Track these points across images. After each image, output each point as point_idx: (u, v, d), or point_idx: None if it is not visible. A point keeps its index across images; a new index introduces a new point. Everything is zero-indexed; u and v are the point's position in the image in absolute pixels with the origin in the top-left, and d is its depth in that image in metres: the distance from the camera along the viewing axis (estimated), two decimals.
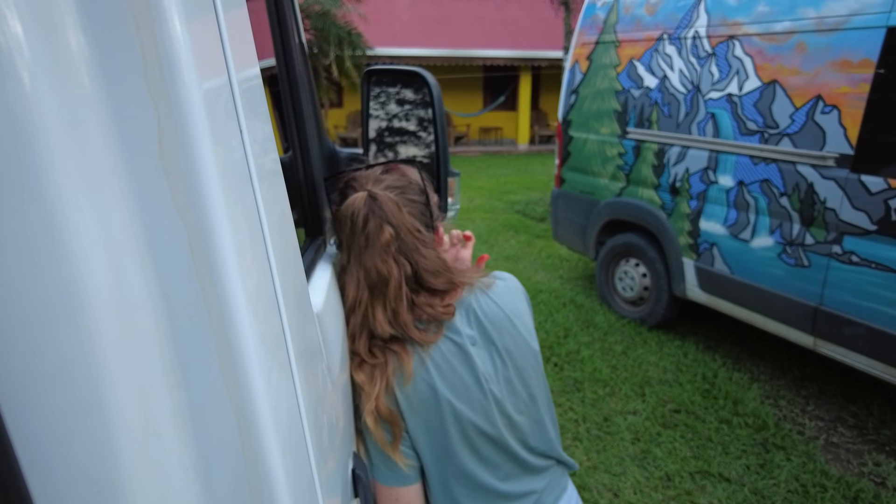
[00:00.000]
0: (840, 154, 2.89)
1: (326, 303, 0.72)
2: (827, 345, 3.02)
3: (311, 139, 1.04)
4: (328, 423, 0.53)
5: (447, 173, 1.25)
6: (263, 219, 0.35)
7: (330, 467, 0.50)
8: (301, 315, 0.44)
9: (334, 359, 0.68)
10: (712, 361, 3.67)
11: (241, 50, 0.38)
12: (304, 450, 0.38)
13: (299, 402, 0.37)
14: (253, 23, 1.06)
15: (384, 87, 1.29)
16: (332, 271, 0.89)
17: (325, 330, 0.64)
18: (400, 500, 0.86)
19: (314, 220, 0.99)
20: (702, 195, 3.63)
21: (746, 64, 3.36)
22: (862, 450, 2.85)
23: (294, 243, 0.46)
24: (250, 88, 0.40)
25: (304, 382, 0.40)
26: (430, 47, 15.02)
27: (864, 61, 2.81)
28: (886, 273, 2.72)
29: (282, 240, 0.41)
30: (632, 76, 4.11)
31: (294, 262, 0.45)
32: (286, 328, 0.36)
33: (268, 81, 1.05)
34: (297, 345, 0.39)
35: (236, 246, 0.30)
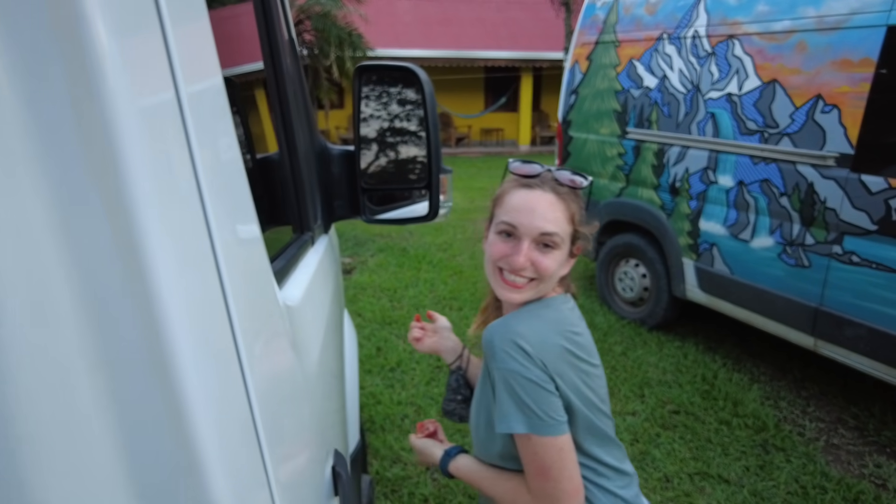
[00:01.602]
0: (840, 154, 2.87)
1: (307, 297, 0.71)
2: (827, 346, 3.00)
3: (299, 138, 1.03)
4: (296, 418, 0.52)
5: (439, 170, 1.24)
6: (212, 223, 0.34)
7: (297, 464, 0.49)
8: (259, 311, 0.43)
9: (311, 352, 0.67)
10: (712, 362, 3.65)
11: (195, 61, 0.38)
12: (253, 446, 0.37)
13: (250, 397, 0.36)
14: (238, 24, 1.05)
15: (376, 84, 1.28)
16: (317, 266, 0.88)
17: (299, 323, 0.63)
18: (564, 447, 0.95)
19: (301, 216, 0.98)
20: (702, 195, 3.61)
21: (746, 63, 3.34)
22: (863, 451, 2.83)
23: (256, 244, 0.45)
24: (206, 98, 0.39)
25: (259, 377, 0.39)
26: (431, 48, 15.04)
27: (864, 60, 2.79)
28: (887, 273, 2.69)
29: (236, 242, 0.40)
30: (632, 76, 4.09)
31: (254, 262, 0.44)
32: (235, 323, 0.35)
33: (262, 83, 1.05)
34: (249, 339, 0.38)
35: (167, 250, 0.29)
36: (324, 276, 0.99)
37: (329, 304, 0.96)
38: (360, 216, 1.30)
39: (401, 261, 5.81)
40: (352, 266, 5.70)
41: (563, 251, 1.01)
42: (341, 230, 6.98)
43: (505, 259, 0.99)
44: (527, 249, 0.97)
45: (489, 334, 0.99)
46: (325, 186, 1.28)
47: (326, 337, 0.83)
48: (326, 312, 0.89)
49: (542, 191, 0.99)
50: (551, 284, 1.03)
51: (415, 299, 4.73)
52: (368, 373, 3.51)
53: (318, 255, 0.97)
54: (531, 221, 0.97)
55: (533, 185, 1.01)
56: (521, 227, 0.97)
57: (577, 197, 1.03)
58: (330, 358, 0.88)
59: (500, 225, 1.01)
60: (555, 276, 1.02)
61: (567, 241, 1.01)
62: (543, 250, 0.98)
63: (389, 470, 2.63)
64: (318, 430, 0.63)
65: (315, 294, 0.80)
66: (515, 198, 1.00)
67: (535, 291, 1.01)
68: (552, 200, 0.98)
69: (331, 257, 1.27)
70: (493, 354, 0.96)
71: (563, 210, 0.99)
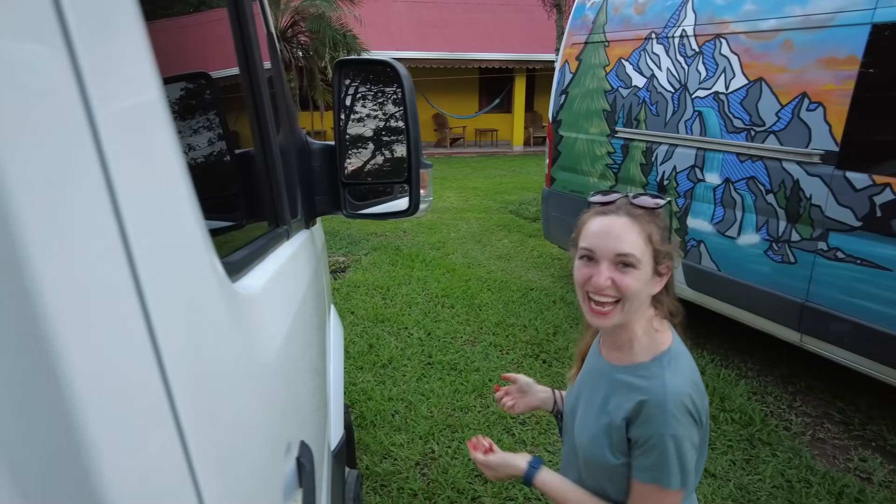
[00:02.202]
0: (825, 151, 2.90)
1: (269, 287, 0.73)
2: (813, 341, 3.03)
3: (273, 133, 1.04)
4: (240, 409, 0.52)
5: (419, 164, 1.26)
6: (126, 220, 0.35)
7: (239, 457, 0.50)
8: (186, 302, 0.44)
9: (270, 342, 0.68)
10: (700, 358, 3.68)
11: (118, 75, 0.38)
12: (171, 441, 0.37)
13: (170, 389, 0.37)
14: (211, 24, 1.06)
15: (355, 79, 1.30)
16: (288, 259, 0.89)
17: (257, 313, 0.65)
18: (679, 498, 1.02)
19: (276, 210, 0.99)
20: (689, 193, 3.64)
21: (733, 62, 3.37)
22: (848, 445, 2.86)
23: (190, 237, 0.46)
24: (134, 112, 0.39)
25: (182, 367, 0.39)
26: (426, 50, 15.05)
27: (849, 58, 2.82)
28: (871, 269, 2.72)
29: (160, 236, 0.40)
30: (620, 76, 4.12)
31: (184, 254, 0.45)
32: (151, 315, 0.36)
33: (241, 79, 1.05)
34: (169, 329, 0.38)
35: (49, 241, 0.29)
36: (296, 269, 1.00)
37: (301, 296, 0.98)
38: (341, 211, 1.31)
39: (394, 259, 5.83)
40: (346, 264, 5.71)
41: (645, 270, 1.04)
42: (336, 229, 6.99)
43: (588, 282, 1.05)
44: (605, 270, 1.02)
45: (660, 398, 1.01)
46: (306, 181, 1.29)
47: (295, 328, 0.84)
48: (296, 304, 0.90)
49: (617, 215, 1.05)
50: (639, 305, 1.06)
51: (407, 297, 4.75)
52: (360, 369, 3.53)
53: (291, 249, 0.98)
54: (606, 243, 1.03)
55: (608, 211, 1.06)
56: (598, 249, 1.03)
57: (654, 217, 1.07)
58: (300, 349, 0.89)
59: (580, 251, 1.08)
60: (640, 295, 1.04)
61: (647, 260, 1.04)
62: (623, 270, 1.02)
63: (379, 465, 2.65)
64: (275, 421, 0.64)
65: (282, 285, 0.81)
66: (593, 225, 1.07)
67: (622, 315, 1.04)
68: (626, 223, 1.03)
69: (310, 252, 1.28)
70: (665, 420, 1.00)
71: (638, 231, 1.03)
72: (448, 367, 3.57)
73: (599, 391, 1.13)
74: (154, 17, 0.74)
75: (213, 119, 0.96)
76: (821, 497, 2.47)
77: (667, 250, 1.07)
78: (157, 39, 0.74)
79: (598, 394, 1.12)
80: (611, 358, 1.15)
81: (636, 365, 1.09)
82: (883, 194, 2.67)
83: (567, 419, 1.26)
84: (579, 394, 1.21)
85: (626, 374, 1.09)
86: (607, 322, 1.05)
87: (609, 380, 1.12)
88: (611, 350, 1.15)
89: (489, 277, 5.25)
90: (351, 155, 1.30)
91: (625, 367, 1.10)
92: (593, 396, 1.14)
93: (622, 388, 1.08)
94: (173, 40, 0.84)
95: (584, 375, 1.23)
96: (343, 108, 1.30)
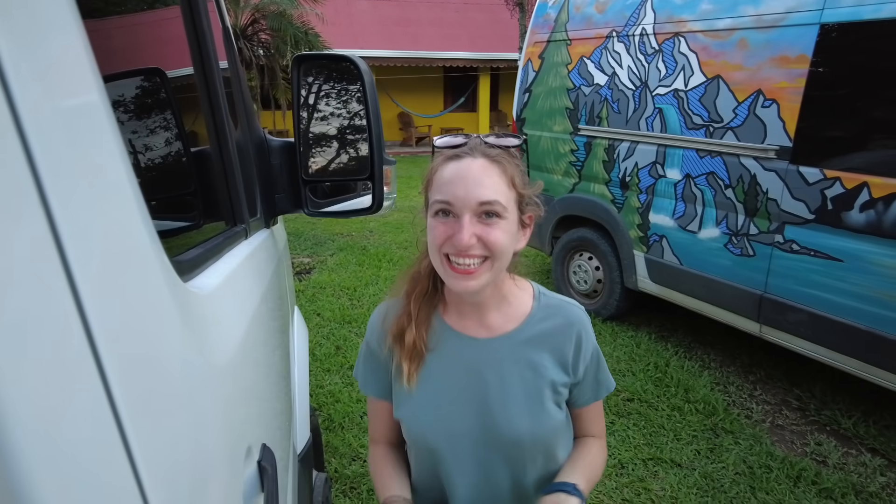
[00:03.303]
0: (780, 146, 2.99)
1: (226, 285, 0.71)
2: (772, 331, 3.12)
3: (228, 131, 1.01)
4: (191, 411, 0.50)
5: (382, 161, 1.24)
6: (61, 230, 0.33)
7: (190, 461, 0.48)
8: (128, 302, 0.42)
9: (224, 342, 0.66)
10: (664, 351, 3.75)
11: (50, 75, 0.37)
12: (114, 446, 0.35)
13: (110, 390, 0.35)
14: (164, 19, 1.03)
15: (315, 74, 1.27)
16: (245, 258, 0.86)
17: (211, 312, 0.63)
18: None
19: (233, 208, 0.96)
20: (650, 189, 3.71)
21: (692, 60, 3.44)
22: (805, 430, 2.96)
23: (134, 237, 0.44)
24: (68, 112, 0.38)
25: (128, 368, 0.38)
26: (390, 49, 14.98)
27: (800, 57, 2.91)
28: (824, 260, 2.82)
29: (99, 237, 0.39)
30: (582, 74, 4.17)
31: (126, 254, 0.43)
32: (88, 318, 0.34)
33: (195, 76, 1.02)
34: (111, 328, 0.37)
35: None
36: (255, 269, 0.98)
37: (261, 296, 0.95)
38: (303, 209, 1.28)
39: (361, 259, 5.77)
40: (311, 265, 5.63)
41: (512, 220, 0.90)
42: (300, 230, 6.89)
43: (449, 242, 0.87)
44: (469, 224, 0.85)
45: (579, 315, 1.01)
46: (265, 179, 1.26)
47: (254, 328, 0.82)
48: (255, 304, 0.87)
49: (473, 157, 0.89)
50: (507, 261, 0.92)
51: (375, 297, 4.71)
52: (327, 372, 3.48)
53: (250, 248, 0.95)
54: (466, 192, 0.86)
55: (462, 154, 0.90)
56: (457, 200, 0.86)
57: (513, 157, 0.93)
58: (260, 350, 0.86)
59: (434, 205, 0.89)
60: (509, 250, 0.90)
61: (513, 208, 0.90)
62: (488, 221, 0.87)
63: (349, 467, 2.62)
64: (233, 423, 0.62)
65: (239, 285, 0.79)
66: (445, 172, 0.89)
67: (491, 273, 0.89)
68: (484, 165, 0.88)
69: (271, 252, 1.25)
70: (589, 333, 1.02)
71: (499, 174, 0.88)
72: None
73: (509, 371, 0.98)
74: (101, 13, 0.71)
75: (165, 116, 0.93)
76: (780, 481, 2.55)
77: (530, 194, 0.94)
78: (106, 35, 0.71)
79: (512, 373, 0.98)
80: (489, 331, 0.99)
81: (530, 316, 1.00)
82: (833, 188, 2.76)
83: (445, 440, 0.99)
84: (459, 395, 0.98)
85: (530, 330, 0.99)
86: (475, 283, 0.88)
87: (511, 353, 0.98)
88: (482, 322, 0.99)
89: None
90: (312, 152, 1.27)
91: (519, 326, 0.99)
92: (505, 380, 0.97)
93: (542, 343, 0.99)
94: (123, 36, 0.81)
95: (450, 371, 0.99)
96: (302, 104, 1.27)
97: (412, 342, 0.98)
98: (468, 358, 0.99)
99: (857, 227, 2.68)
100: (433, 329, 1.01)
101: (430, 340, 1.00)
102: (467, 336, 1.00)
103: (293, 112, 1.27)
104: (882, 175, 2.60)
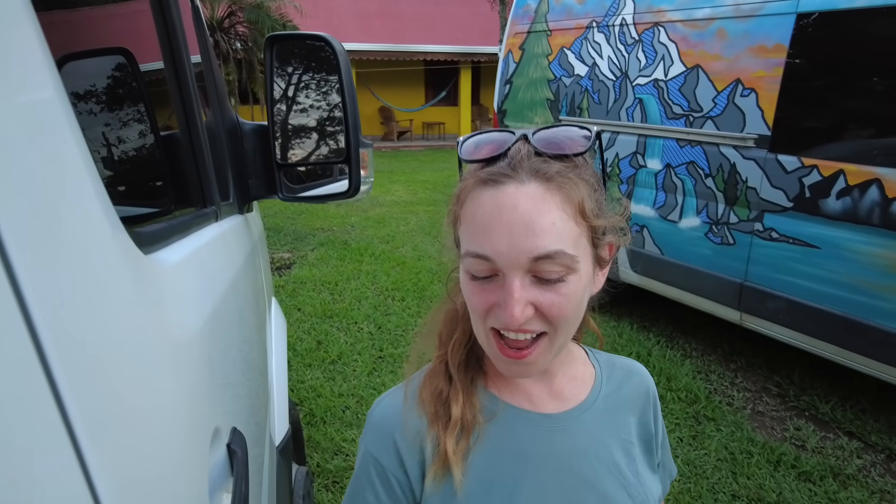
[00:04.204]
0: (759, 135, 3.01)
1: (191, 262, 0.68)
2: (752, 319, 3.15)
3: (197, 112, 0.97)
4: (147, 384, 0.47)
5: (358, 143, 1.21)
6: None
7: (150, 439, 0.45)
8: (78, 263, 0.39)
9: (188, 318, 0.63)
10: (647, 340, 3.77)
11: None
12: (51, 414, 0.33)
13: (46, 359, 0.32)
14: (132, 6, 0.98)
15: (288, 55, 1.23)
16: (213, 238, 0.83)
17: (173, 285, 0.60)
18: None
19: (202, 189, 0.93)
20: (631, 179, 3.71)
21: (671, 50, 3.45)
22: (784, 416, 2.99)
23: (85, 212, 0.42)
24: (23, 110, 0.36)
25: (70, 336, 0.35)
26: (370, 42, 14.87)
27: (777, 46, 2.93)
28: (802, 248, 2.85)
29: (43, 199, 0.37)
30: (563, 64, 4.16)
31: (74, 227, 0.41)
32: (20, 279, 0.31)
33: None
34: (51, 292, 0.34)
35: None
36: (225, 251, 0.95)
37: (231, 279, 0.92)
38: (277, 195, 1.25)
39: (342, 254, 5.72)
40: (291, 260, 5.56)
41: (584, 271, 0.61)
42: (280, 225, 6.81)
43: (493, 315, 0.61)
44: (520, 289, 0.58)
45: (649, 376, 0.80)
46: (238, 164, 1.22)
47: (224, 310, 0.79)
48: (224, 285, 0.84)
49: (518, 183, 0.58)
50: (576, 326, 0.65)
51: (357, 292, 4.67)
52: (308, 366, 3.44)
53: (220, 230, 0.92)
54: (512, 244, 0.57)
55: (500, 177, 0.59)
56: (499, 256, 0.58)
57: (580, 169, 0.62)
58: (230, 332, 0.83)
59: (469, 261, 0.61)
60: (579, 311, 0.63)
61: (585, 251, 0.61)
62: (548, 285, 0.59)
63: (331, 462, 2.58)
64: (198, 403, 0.59)
65: (206, 263, 0.76)
66: (479, 207, 0.60)
67: (552, 350, 0.63)
68: (539, 194, 0.58)
69: (244, 237, 1.22)
70: (657, 395, 0.80)
71: (560, 205, 0.58)
72: (400, 360, 3.52)
73: (606, 457, 0.71)
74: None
75: (131, 95, 0.89)
76: (761, 466, 2.57)
77: (609, 224, 0.64)
78: (68, 15, 0.67)
79: (606, 461, 0.71)
80: (562, 402, 0.72)
81: (598, 377, 0.75)
82: (811, 176, 2.79)
83: None
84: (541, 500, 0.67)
85: (607, 396, 0.74)
86: (531, 368, 0.63)
87: (599, 431, 0.72)
88: (551, 391, 0.72)
89: (440, 269, 5.21)
90: (286, 136, 1.24)
91: (592, 392, 0.73)
92: (599, 473, 0.69)
93: (625, 412, 0.75)
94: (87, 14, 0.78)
95: (518, 465, 0.68)
96: (276, 86, 1.23)
97: (459, 413, 0.67)
98: (542, 442, 0.68)
99: (834, 215, 2.71)
100: (480, 406, 0.69)
101: (489, 438, 0.68)
102: (535, 412, 0.70)
103: (266, 95, 1.23)
104: (857, 162, 2.63)
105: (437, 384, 0.69)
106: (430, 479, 0.65)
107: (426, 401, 0.68)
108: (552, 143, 0.61)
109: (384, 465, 0.66)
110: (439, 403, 0.67)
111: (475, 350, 0.71)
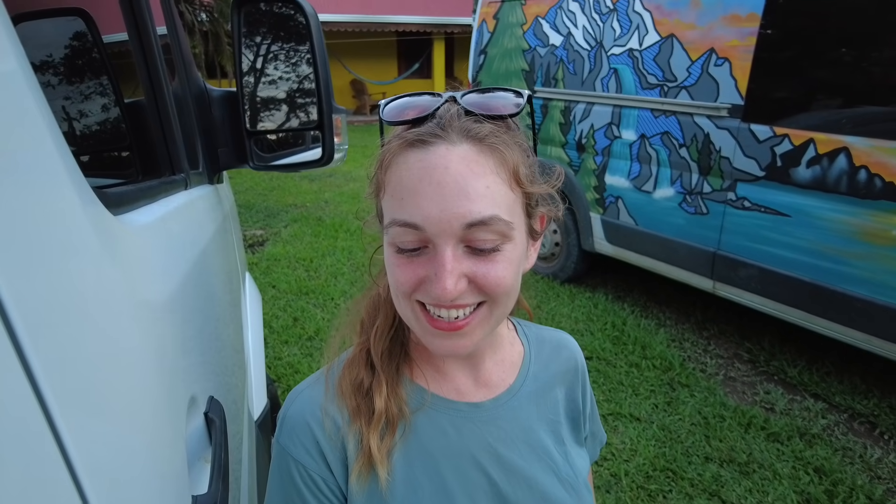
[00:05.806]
0: (732, 105, 3.02)
1: (160, 225, 0.66)
2: (725, 287, 3.21)
3: (163, 78, 0.93)
4: (114, 344, 0.45)
5: (331, 109, 1.17)
6: None
7: (121, 403, 0.43)
8: (42, 222, 0.37)
9: (157, 280, 0.60)
10: (621, 310, 3.82)
11: None
12: (23, 389, 0.30)
13: (12, 325, 0.30)
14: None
15: (257, 18, 1.18)
16: (182, 204, 0.80)
17: (140, 247, 0.57)
18: None
19: (170, 156, 0.89)
20: (606, 150, 3.72)
21: (646, 19, 3.43)
22: (755, 381, 3.07)
23: (48, 170, 0.40)
24: None
25: (35, 302, 0.33)
26: (340, 13, 14.50)
27: (750, 15, 2.93)
28: (774, 216, 2.89)
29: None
30: (538, 34, 4.11)
31: (38, 171, 0.38)
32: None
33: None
34: (13, 251, 0.31)
35: None
36: (195, 218, 0.91)
37: (202, 247, 0.89)
38: (248, 164, 1.21)
39: (316, 230, 5.65)
40: (264, 237, 5.48)
41: (519, 239, 0.58)
42: (252, 202, 6.69)
43: (422, 288, 0.56)
44: (452, 260, 0.53)
45: (578, 348, 0.78)
46: (207, 132, 1.17)
47: (195, 276, 0.76)
48: (195, 252, 0.81)
49: (449, 143, 0.54)
50: (514, 300, 0.61)
51: (332, 268, 4.62)
52: (285, 343, 3.41)
53: (189, 198, 0.89)
54: (444, 209, 0.52)
55: (429, 137, 0.54)
56: (429, 223, 0.53)
57: (513, 133, 0.59)
58: (202, 299, 0.80)
59: (394, 231, 0.55)
60: (516, 285, 0.60)
61: (520, 218, 0.58)
62: (483, 254, 0.55)
63: None
64: (171, 368, 0.57)
65: (176, 228, 0.73)
66: (405, 169, 0.55)
67: (490, 323, 0.59)
68: (471, 155, 0.54)
69: (214, 207, 1.18)
70: (585, 368, 0.79)
71: (493, 166, 0.54)
72: None
73: (534, 444, 0.69)
74: None
75: (92, 59, 0.84)
76: (732, 429, 2.65)
77: (544, 190, 0.61)
78: None
79: (535, 447, 0.69)
80: (489, 389, 0.69)
81: (526, 359, 0.73)
82: (782, 145, 2.82)
83: None
84: (469, 495, 0.64)
85: (534, 378, 0.72)
86: (468, 343, 0.59)
87: (513, 414, 0.69)
88: (477, 379, 0.69)
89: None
90: (255, 103, 1.19)
91: (519, 376, 0.71)
92: (529, 460, 0.68)
93: (550, 392, 0.73)
94: None
95: (445, 461, 0.64)
96: (244, 51, 1.18)
97: (383, 406, 0.62)
98: (471, 435, 0.66)
99: (804, 183, 2.75)
100: (406, 398, 0.66)
101: (412, 430, 0.65)
102: (463, 403, 0.67)
103: (234, 61, 1.18)
104: (827, 131, 2.67)
105: (357, 374, 0.64)
106: (355, 478, 0.61)
107: (346, 393, 0.63)
108: (482, 104, 0.57)
109: (307, 466, 0.61)
110: (361, 396, 0.63)
111: (399, 337, 0.67)
